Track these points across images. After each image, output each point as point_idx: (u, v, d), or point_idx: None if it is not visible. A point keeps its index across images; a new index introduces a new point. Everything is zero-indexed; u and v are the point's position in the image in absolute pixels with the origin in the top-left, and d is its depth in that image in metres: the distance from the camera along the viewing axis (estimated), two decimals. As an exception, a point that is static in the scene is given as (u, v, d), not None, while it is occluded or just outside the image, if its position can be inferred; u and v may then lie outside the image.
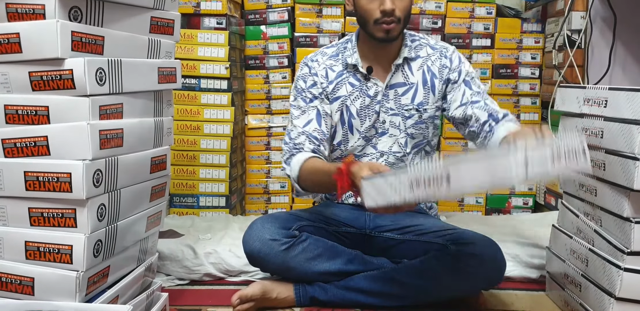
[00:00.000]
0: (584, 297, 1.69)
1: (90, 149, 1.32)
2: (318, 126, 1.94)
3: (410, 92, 1.96)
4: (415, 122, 1.97)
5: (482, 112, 1.88)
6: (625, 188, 1.48)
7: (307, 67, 2.00)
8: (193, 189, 2.88)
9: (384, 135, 1.98)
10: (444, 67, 1.97)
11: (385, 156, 1.99)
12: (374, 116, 1.96)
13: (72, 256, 1.34)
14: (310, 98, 1.97)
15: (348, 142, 1.99)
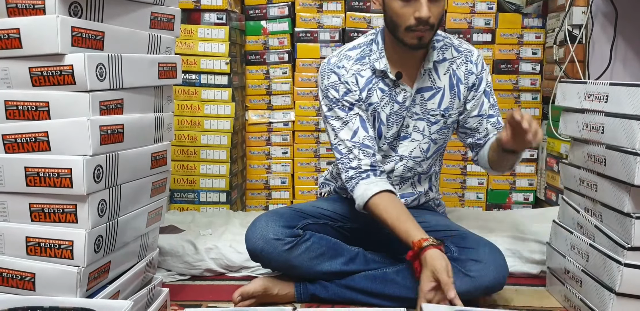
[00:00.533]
0: (584, 292, 1.69)
1: (90, 144, 1.32)
2: (366, 133, 1.88)
3: (437, 97, 1.92)
4: (440, 127, 1.95)
5: (493, 129, 1.95)
6: (625, 183, 1.48)
7: (335, 74, 1.89)
8: (194, 185, 2.88)
9: (406, 139, 1.95)
10: (469, 73, 1.93)
11: (404, 160, 1.96)
12: (401, 121, 1.93)
13: (72, 251, 1.34)
14: (349, 106, 1.89)
15: (378, 148, 1.95)
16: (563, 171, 1.88)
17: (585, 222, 1.71)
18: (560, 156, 2.73)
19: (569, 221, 1.83)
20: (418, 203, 2.04)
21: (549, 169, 2.93)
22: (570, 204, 1.82)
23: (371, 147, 1.87)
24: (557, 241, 1.90)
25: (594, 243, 1.65)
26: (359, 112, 1.88)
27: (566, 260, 1.80)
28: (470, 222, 2.22)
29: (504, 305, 1.87)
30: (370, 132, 1.88)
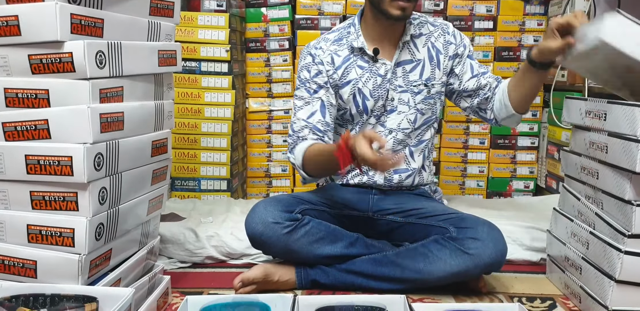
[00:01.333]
0: (584, 280, 1.69)
1: (90, 132, 1.32)
2: (322, 118, 1.95)
3: (418, 69, 1.98)
4: (425, 97, 1.99)
5: (493, 80, 2.02)
6: (627, 170, 1.48)
7: (311, 56, 1.98)
8: (194, 173, 2.88)
9: (393, 112, 1.99)
10: (448, 43, 2.01)
11: (393, 133, 1.99)
12: (385, 94, 1.97)
13: (74, 239, 1.34)
14: (315, 89, 1.96)
15: (361, 122, 2.00)
16: (564, 159, 1.88)
17: (585, 210, 1.71)
18: (561, 144, 2.73)
19: (569, 209, 1.83)
20: (413, 182, 2.04)
21: (549, 157, 2.93)
22: (571, 191, 1.82)
23: (322, 132, 1.94)
24: (558, 228, 1.90)
25: (594, 230, 1.65)
26: (322, 97, 1.96)
27: (566, 248, 1.81)
28: (471, 210, 2.22)
29: (504, 292, 1.88)
30: (327, 118, 1.95)
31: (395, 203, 1.99)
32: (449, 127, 3.05)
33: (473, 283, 1.86)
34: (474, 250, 1.75)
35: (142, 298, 1.57)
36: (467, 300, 1.81)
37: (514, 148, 3.08)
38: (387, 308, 1.46)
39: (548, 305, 1.78)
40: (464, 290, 1.85)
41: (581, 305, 1.71)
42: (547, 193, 2.95)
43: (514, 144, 3.07)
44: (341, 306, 1.46)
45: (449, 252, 1.77)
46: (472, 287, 1.86)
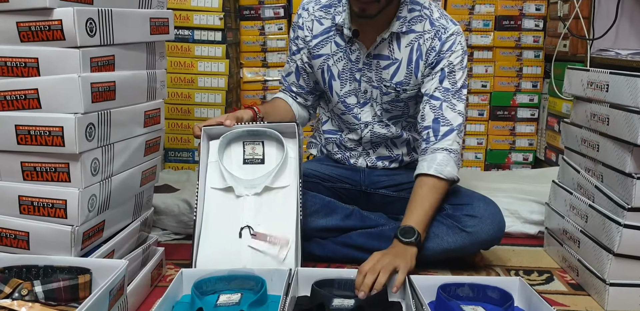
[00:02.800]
0: (582, 253, 1.71)
1: (82, 102, 1.31)
2: (296, 80, 2.00)
3: (392, 69, 1.86)
4: (392, 99, 1.91)
5: (430, 114, 1.81)
6: (628, 143, 1.48)
7: (298, 16, 1.96)
8: (188, 144, 2.88)
9: (366, 105, 1.94)
10: (432, 50, 1.82)
11: (370, 126, 1.96)
12: (354, 83, 1.91)
13: (66, 210, 1.34)
14: (294, 51, 1.98)
15: (331, 101, 1.98)
16: (564, 131, 1.88)
17: (585, 182, 1.72)
18: (561, 116, 2.73)
19: (568, 182, 1.84)
20: (400, 164, 2.04)
21: (549, 129, 2.93)
22: (571, 164, 1.82)
23: (295, 93, 2.02)
24: (556, 201, 1.91)
25: (593, 203, 1.66)
26: (297, 60, 1.98)
27: (565, 221, 1.82)
28: (468, 182, 2.23)
29: (501, 265, 1.89)
30: (300, 82, 2.00)
31: (386, 175, 1.99)
32: None
33: (470, 257, 1.88)
34: (472, 228, 1.75)
35: (136, 269, 1.58)
36: (463, 273, 1.82)
37: (514, 120, 3.08)
38: (388, 283, 1.46)
39: (545, 278, 1.80)
40: (461, 264, 1.87)
41: (578, 278, 1.73)
42: (546, 165, 2.96)
43: (514, 115, 3.07)
44: (340, 280, 1.47)
45: (446, 229, 1.77)
46: (468, 261, 1.87)
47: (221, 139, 1.70)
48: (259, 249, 1.57)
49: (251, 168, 1.72)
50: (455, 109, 1.81)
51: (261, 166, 1.72)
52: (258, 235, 1.58)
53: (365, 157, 2.01)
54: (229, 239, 1.59)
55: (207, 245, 1.60)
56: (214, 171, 1.70)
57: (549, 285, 1.74)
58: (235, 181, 1.67)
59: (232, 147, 1.74)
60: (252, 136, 1.75)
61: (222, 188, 1.68)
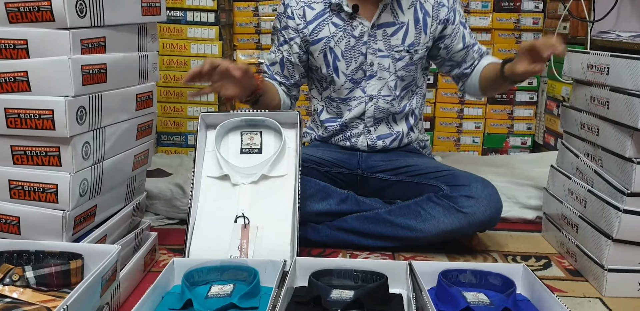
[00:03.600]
0: (580, 238, 1.71)
1: (72, 85, 1.31)
2: (280, 71, 2.01)
3: (401, 32, 1.92)
4: (406, 64, 1.95)
5: (477, 56, 2.01)
6: (628, 127, 1.48)
7: (284, 6, 1.96)
8: (181, 128, 2.87)
9: (373, 78, 1.95)
10: (440, 6, 1.93)
11: (374, 100, 1.97)
12: (360, 57, 1.93)
13: (57, 195, 1.34)
14: (281, 41, 1.98)
15: (335, 85, 1.98)
16: (563, 115, 1.88)
17: (584, 167, 1.72)
18: (560, 99, 2.73)
19: (567, 166, 1.84)
20: (400, 144, 2.05)
21: (548, 113, 2.93)
22: (570, 148, 1.82)
23: (278, 82, 2.03)
24: (555, 186, 1.91)
25: (592, 188, 1.66)
26: (284, 51, 1.99)
27: (563, 206, 1.82)
28: (466, 166, 2.23)
29: (498, 250, 1.90)
30: (286, 72, 2.02)
31: (384, 160, 1.99)
32: (445, 82, 3.03)
33: (466, 241, 1.89)
34: (468, 208, 1.76)
35: (129, 255, 1.59)
36: (460, 258, 1.83)
37: (512, 103, 3.08)
38: (389, 274, 1.44)
39: (543, 263, 1.81)
40: (457, 248, 1.88)
41: (576, 264, 1.74)
42: (544, 149, 2.96)
43: (512, 99, 3.07)
44: (339, 271, 1.46)
45: (442, 210, 1.78)
46: (465, 245, 1.88)
47: (218, 128, 1.70)
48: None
49: (248, 157, 1.72)
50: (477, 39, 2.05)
51: (259, 155, 1.72)
52: None
53: (367, 135, 2.01)
54: (224, 228, 1.60)
55: (201, 234, 1.61)
56: (210, 160, 1.70)
57: (546, 271, 1.75)
58: (232, 169, 1.67)
59: (229, 136, 1.74)
60: (250, 126, 1.75)
61: (218, 177, 1.68)
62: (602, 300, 1.56)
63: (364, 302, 1.31)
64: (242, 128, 1.75)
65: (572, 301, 1.54)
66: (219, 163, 1.68)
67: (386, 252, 1.85)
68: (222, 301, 1.33)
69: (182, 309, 1.32)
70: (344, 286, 1.43)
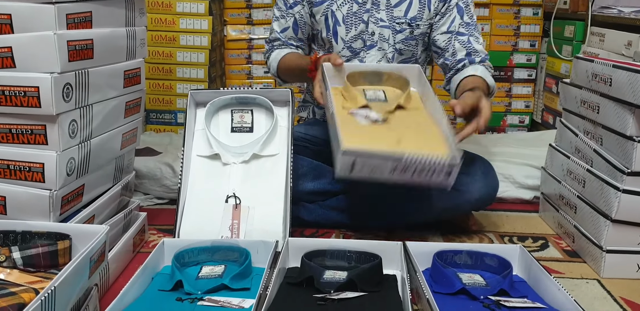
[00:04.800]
0: (578, 219, 1.72)
1: (58, 61, 1.30)
2: (294, 35, 2.01)
3: (404, 4, 1.91)
4: (406, 37, 1.95)
5: (462, 49, 1.92)
6: (630, 104, 1.48)
7: None
8: (170, 105, 2.86)
9: (373, 48, 1.96)
10: None
11: None
12: (361, 25, 1.93)
13: (44, 174, 1.34)
14: (291, 4, 1.97)
15: (333, 51, 1.98)
16: (563, 92, 1.88)
17: (583, 146, 1.72)
18: (560, 76, 2.73)
19: (566, 145, 1.85)
20: None
21: (547, 90, 2.94)
22: (569, 127, 1.83)
23: (295, 46, 2.04)
24: (553, 166, 1.92)
25: (591, 168, 1.67)
26: (295, 14, 1.99)
27: (561, 186, 1.83)
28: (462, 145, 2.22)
29: (494, 231, 1.91)
30: (299, 35, 2.03)
31: None
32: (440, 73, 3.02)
33: (462, 221, 1.89)
34: (463, 186, 1.76)
35: (118, 235, 1.59)
36: (455, 239, 1.84)
37: (510, 81, 3.07)
38: (383, 254, 1.45)
39: (540, 244, 1.82)
40: (453, 228, 1.89)
41: (574, 245, 1.75)
42: (543, 128, 2.97)
43: (510, 76, 3.07)
44: (333, 251, 1.46)
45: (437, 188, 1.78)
46: (461, 225, 1.89)
47: (208, 106, 1.69)
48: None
49: (239, 136, 1.72)
50: (479, 41, 1.94)
51: (249, 134, 1.72)
52: None
53: None
54: (214, 208, 1.60)
55: (192, 214, 1.61)
56: (200, 139, 1.70)
57: (543, 252, 1.76)
58: (223, 148, 1.66)
59: (220, 115, 1.74)
60: (241, 104, 1.74)
61: (208, 156, 1.68)
62: (600, 281, 1.57)
63: (358, 283, 1.31)
64: (233, 106, 1.74)
65: (569, 282, 1.56)
66: (209, 141, 1.67)
67: (380, 232, 1.86)
68: (213, 282, 1.34)
69: (172, 290, 1.32)
70: (337, 267, 1.43)
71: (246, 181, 1.64)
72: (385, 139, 1.45)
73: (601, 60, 1.63)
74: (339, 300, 1.25)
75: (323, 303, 1.23)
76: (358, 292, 1.29)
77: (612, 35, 2.33)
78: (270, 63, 2.03)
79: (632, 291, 1.52)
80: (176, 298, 1.27)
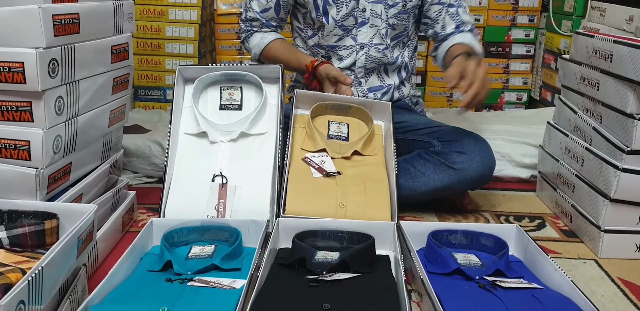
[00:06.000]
0: (576, 198, 1.73)
1: (43, 36, 1.28)
2: (276, 15, 2.01)
3: None
4: (399, 11, 1.95)
5: (451, 21, 2.00)
6: (631, 81, 1.48)
7: None
8: (159, 82, 2.84)
9: (364, 25, 1.95)
10: None
11: (365, 49, 1.97)
12: (352, 2, 1.92)
13: (30, 152, 1.33)
14: None
15: (324, 30, 1.96)
16: (562, 68, 1.88)
17: (582, 124, 1.72)
18: (559, 52, 2.72)
19: (564, 123, 1.85)
20: (391, 98, 2.06)
21: (545, 67, 2.93)
22: (568, 104, 1.83)
23: (274, 27, 2.05)
24: (551, 144, 1.92)
25: (590, 146, 1.67)
26: None
27: (559, 164, 1.84)
28: (458, 123, 2.23)
29: (490, 210, 1.92)
30: (281, 15, 2.03)
31: None
32: (433, 79, 3.03)
33: (458, 200, 1.90)
34: (459, 164, 1.77)
35: (106, 214, 1.59)
36: (450, 218, 1.85)
37: (507, 57, 3.07)
38: (376, 235, 1.44)
39: (537, 224, 1.83)
40: (448, 208, 1.89)
41: (572, 225, 1.76)
42: (541, 105, 2.97)
43: (508, 52, 3.06)
44: (324, 232, 1.46)
45: (433, 166, 1.79)
46: (456, 204, 1.90)
47: (196, 82, 1.69)
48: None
49: (227, 114, 1.71)
50: (467, 11, 2.03)
51: (238, 112, 1.71)
52: None
53: (357, 87, 2.02)
54: (201, 187, 1.59)
55: (177, 193, 1.60)
56: (188, 117, 1.69)
57: (540, 232, 1.77)
58: (210, 126, 1.66)
59: (208, 92, 1.73)
60: (230, 81, 1.73)
61: (196, 134, 1.67)
62: (598, 261, 1.58)
63: (350, 264, 1.31)
64: (222, 83, 1.73)
65: (566, 263, 1.57)
66: (197, 119, 1.67)
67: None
68: (203, 263, 1.34)
69: (161, 271, 1.32)
70: (329, 248, 1.43)
71: (234, 160, 1.63)
72: (330, 201, 1.58)
73: (602, 35, 1.62)
74: (332, 281, 1.25)
75: (315, 285, 1.24)
76: (351, 273, 1.29)
77: (613, 10, 2.33)
78: (252, 49, 2.04)
79: (629, 272, 1.53)
80: (165, 278, 1.27)
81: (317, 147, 1.70)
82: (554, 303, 1.18)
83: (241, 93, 1.73)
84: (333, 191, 1.59)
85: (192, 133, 1.67)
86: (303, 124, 1.76)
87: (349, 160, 1.69)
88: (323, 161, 1.66)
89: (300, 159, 1.66)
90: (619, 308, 1.35)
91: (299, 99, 1.79)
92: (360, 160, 1.71)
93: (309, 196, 1.58)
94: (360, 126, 1.79)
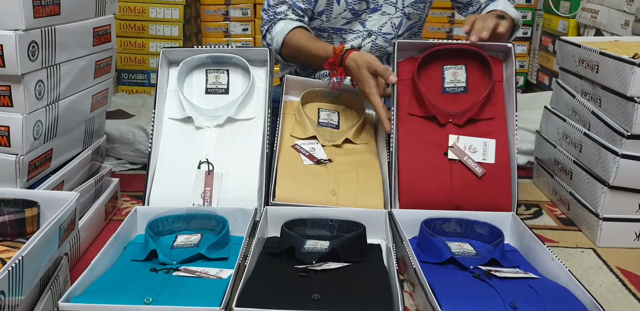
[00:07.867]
0: (574, 185, 1.74)
1: (22, 17, 1.28)
2: None
3: None
4: (416, 0, 1.94)
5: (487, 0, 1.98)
6: (632, 63, 1.48)
7: None
8: (143, 65, 2.83)
9: (376, 12, 1.94)
10: None
11: (373, 36, 1.96)
12: None
13: (9, 138, 1.33)
14: None
15: (331, 13, 1.94)
16: (560, 50, 1.87)
17: (581, 108, 1.73)
18: (557, 34, 2.72)
19: (562, 107, 1.85)
20: None
21: (542, 49, 2.93)
22: (566, 88, 1.83)
23: (303, 11, 1.92)
24: (548, 129, 1.93)
25: (589, 131, 1.67)
26: None
27: (557, 150, 1.84)
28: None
29: (487, 198, 1.92)
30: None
31: None
32: (432, 15, 3.01)
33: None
34: None
35: (89, 202, 1.59)
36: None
37: (504, 39, 3.06)
38: (367, 223, 1.45)
39: (533, 212, 1.83)
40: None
41: (569, 213, 1.77)
42: (538, 89, 2.98)
43: (504, 34, 3.05)
44: (314, 220, 1.46)
45: None
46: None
47: (181, 65, 1.68)
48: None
49: (214, 98, 1.71)
50: None
51: (225, 96, 1.71)
52: None
53: None
54: (186, 175, 1.59)
55: (162, 181, 1.60)
56: (173, 101, 1.69)
57: (537, 220, 1.78)
58: (196, 111, 1.65)
59: (193, 75, 1.73)
60: (216, 64, 1.73)
61: (181, 119, 1.67)
62: (596, 250, 1.59)
63: (341, 253, 1.31)
64: (208, 66, 1.73)
65: (563, 252, 1.58)
66: (182, 103, 1.66)
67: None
68: (189, 252, 1.34)
69: (145, 260, 1.32)
70: (318, 237, 1.44)
71: (220, 146, 1.63)
72: (321, 188, 1.57)
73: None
74: (322, 271, 1.25)
75: (305, 274, 1.24)
76: (341, 263, 1.29)
77: (613, -9, 2.33)
78: (274, 36, 1.90)
79: (628, 261, 1.54)
80: (150, 268, 1.27)
81: (307, 135, 1.70)
82: (550, 293, 1.19)
83: (227, 76, 1.73)
84: (324, 178, 1.60)
85: (177, 118, 1.67)
86: (293, 110, 1.76)
87: (340, 148, 1.70)
88: (313, 148, 1.67)
89: (290, 146, 1.67)
90: (617, 298, 1.36)
91: (289, 86, 1.79)
92: (352, 148, 1.71)
93: (300, 182, 1.58)
94: (351, 114, 1.80)
